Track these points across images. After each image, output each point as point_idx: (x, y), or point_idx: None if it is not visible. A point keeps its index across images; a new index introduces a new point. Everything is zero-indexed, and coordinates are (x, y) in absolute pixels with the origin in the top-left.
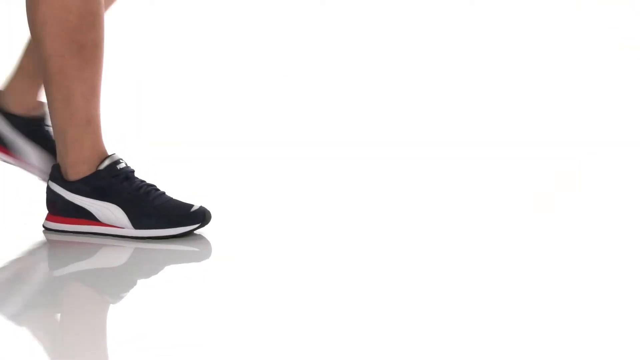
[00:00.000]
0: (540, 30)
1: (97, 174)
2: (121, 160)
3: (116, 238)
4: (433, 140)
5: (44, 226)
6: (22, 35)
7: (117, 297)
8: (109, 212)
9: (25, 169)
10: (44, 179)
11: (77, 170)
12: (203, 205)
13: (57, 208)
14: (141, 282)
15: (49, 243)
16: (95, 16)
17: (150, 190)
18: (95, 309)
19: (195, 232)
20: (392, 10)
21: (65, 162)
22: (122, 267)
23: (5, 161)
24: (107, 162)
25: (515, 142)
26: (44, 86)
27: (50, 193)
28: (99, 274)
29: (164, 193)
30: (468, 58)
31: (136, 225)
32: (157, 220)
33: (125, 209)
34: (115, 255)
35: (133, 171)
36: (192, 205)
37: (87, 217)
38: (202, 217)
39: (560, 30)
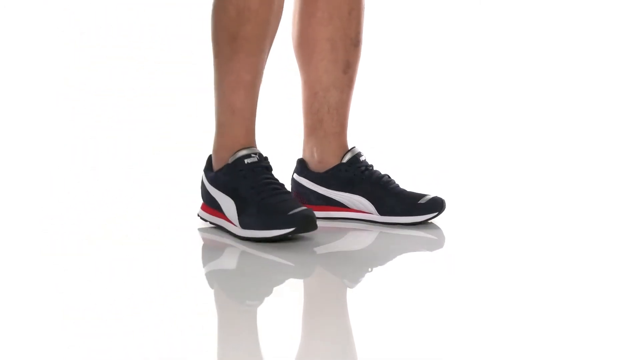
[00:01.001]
0: (540, 30)
1: (224, 167)
2: (253, 155)
3: (231, 236)
4: (432, 139)
5: (197, 215)
6: (21, 35)
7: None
8: (227, 207)
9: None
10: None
11: (219, 156)
12: (309, 209)
13: (203, 196)
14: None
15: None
16: (252, 12)
17: (266, 189)
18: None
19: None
20: (390, 10)
21: (214, 146)
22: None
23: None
24: (238, 155)
25: (515, 141)
26: None
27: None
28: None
29: (284, 193)
30: (467, 58)
31: (241, 224)
32: (255, 221)
33: (237, 206)
34: (218, 256)
35: (265, 167)
36: (296, 207)
37: (219, 209)
38: (298, 221)
39: (560, 30)
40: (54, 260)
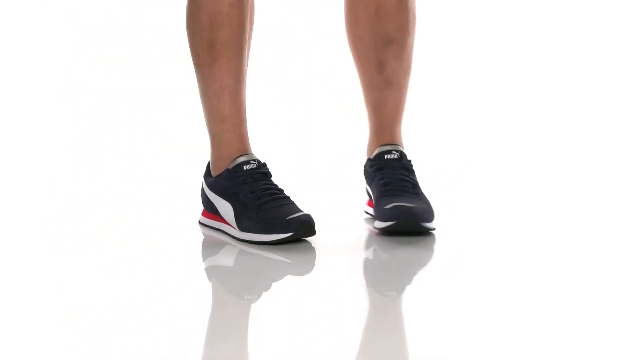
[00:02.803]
0: (540, 29)
1: (223, 173)
2: (252, 161)
3: (231, 237)
4: (431, 141)
5: (198, 221)
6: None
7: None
8: (225, 210)
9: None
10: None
11: (217, 166)
12: (308, 214)
13: (203, 202)
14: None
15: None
16: (224, 16)
17: (265, 194)
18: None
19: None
20: None
21: (211, 157)
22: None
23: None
24: (237, 162)
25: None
26: None
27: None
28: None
29: (283, 198)
30: (465, 58)
31: (239, 227)
32: (254, 224)
33: (235, 210)
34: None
35: (264, 173)
36: (295, 212)
37: (217, 213)
38: (295, 226)
39: (560, 29)
40: (54, 260)
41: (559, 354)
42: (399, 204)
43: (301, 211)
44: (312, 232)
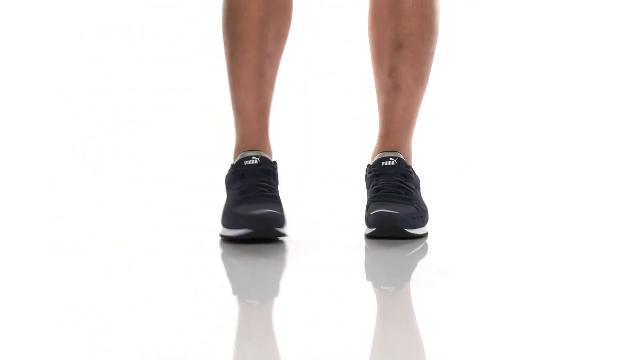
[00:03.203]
0: (540, 29)
1: (230, 167)
2: (254, 157)
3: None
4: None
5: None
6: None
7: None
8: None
9: None
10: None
11: (234, 156)
12: (274, 212)
13: None
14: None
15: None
16: (241, 10)
17: (252, 190)
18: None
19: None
20: None
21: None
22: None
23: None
24: (240, 157)
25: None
26: None
27: None
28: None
29: (267, 196)
30: (467, 58)
31: (222, 222)
32: (222, 218)
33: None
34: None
35: (265, 171)
36: (263, 208)
37: None
38: (255, 223)
39: (560, 29)
40: (54, 260)
41: (556, 352)
42: (381, 210)
43: (274, 209)
44: (273, 232)
